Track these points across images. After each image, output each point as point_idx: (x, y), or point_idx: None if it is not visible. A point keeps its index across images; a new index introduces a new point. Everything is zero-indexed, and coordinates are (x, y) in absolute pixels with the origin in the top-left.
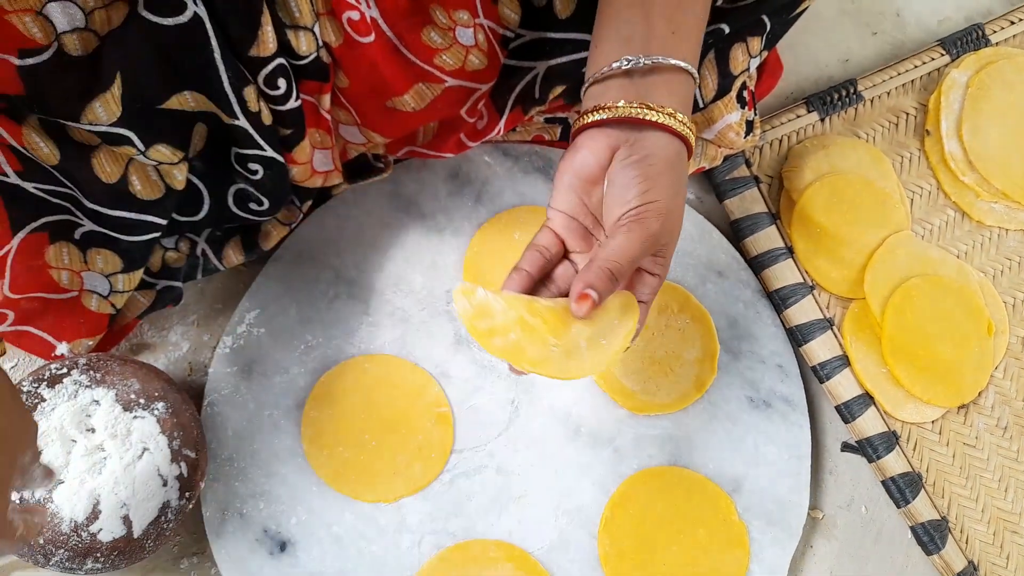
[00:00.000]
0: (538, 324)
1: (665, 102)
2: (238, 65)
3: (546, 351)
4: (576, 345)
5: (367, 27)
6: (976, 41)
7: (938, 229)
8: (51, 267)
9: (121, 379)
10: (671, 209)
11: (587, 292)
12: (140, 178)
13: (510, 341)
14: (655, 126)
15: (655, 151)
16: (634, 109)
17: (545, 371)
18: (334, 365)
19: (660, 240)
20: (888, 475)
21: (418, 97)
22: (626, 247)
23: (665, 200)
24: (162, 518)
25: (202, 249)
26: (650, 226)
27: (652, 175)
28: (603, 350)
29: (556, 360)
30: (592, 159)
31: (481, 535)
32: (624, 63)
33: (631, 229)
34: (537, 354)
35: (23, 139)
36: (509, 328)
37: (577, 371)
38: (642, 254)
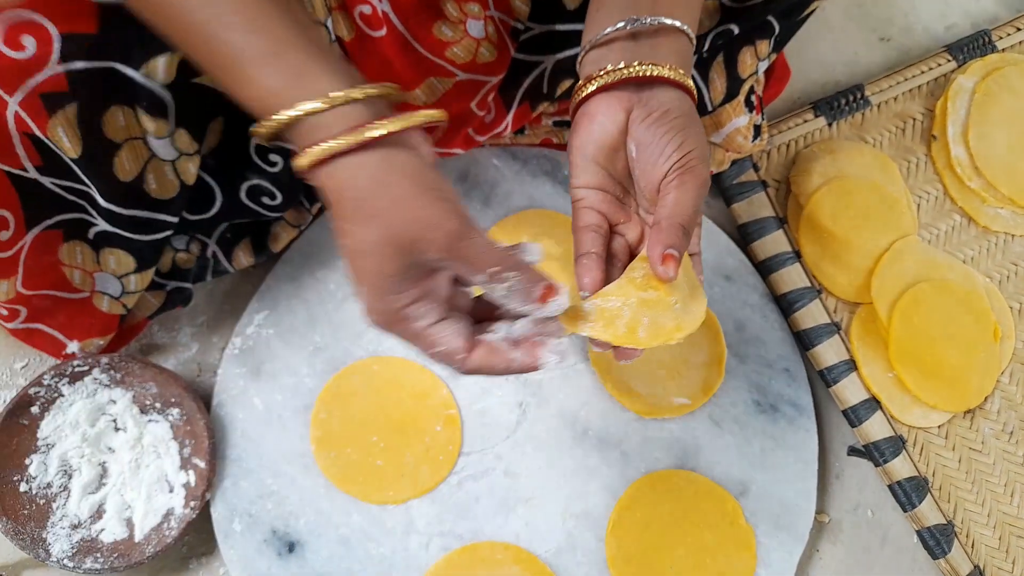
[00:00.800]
0: (653, 295)
1: (672, 62)
2: None
3: (674, 313)
4: (684, 293)
5: (379, 21)
6: (983, 47)
7: (944, 234)
8: (64, 264)
9: (140, 381)
10: (705, 155)
11: (670, 252)
12: (156, 176)
13: (647, 326)
14: (664, 82)
15: (672, 106)
16: (644, 67)
17: (689, 329)
18: (343, 367)
19: (707, 184)
20: (895, 479)
21: (429, 91)
22: (685, 199)
23: (700, 147)
24: (165, 525)
25: (212, 251)
26: (700, 173)
27: (680, 127)
28: (696, 284)
29: (685, 314)
30: (610, 125)
31: (489, 537)
32: (629, 24)
33: (683, 181)
34: (673, 320)
35: (47, 130)
36: (639, 315)
37: (700, 312)
38: (700, 201)
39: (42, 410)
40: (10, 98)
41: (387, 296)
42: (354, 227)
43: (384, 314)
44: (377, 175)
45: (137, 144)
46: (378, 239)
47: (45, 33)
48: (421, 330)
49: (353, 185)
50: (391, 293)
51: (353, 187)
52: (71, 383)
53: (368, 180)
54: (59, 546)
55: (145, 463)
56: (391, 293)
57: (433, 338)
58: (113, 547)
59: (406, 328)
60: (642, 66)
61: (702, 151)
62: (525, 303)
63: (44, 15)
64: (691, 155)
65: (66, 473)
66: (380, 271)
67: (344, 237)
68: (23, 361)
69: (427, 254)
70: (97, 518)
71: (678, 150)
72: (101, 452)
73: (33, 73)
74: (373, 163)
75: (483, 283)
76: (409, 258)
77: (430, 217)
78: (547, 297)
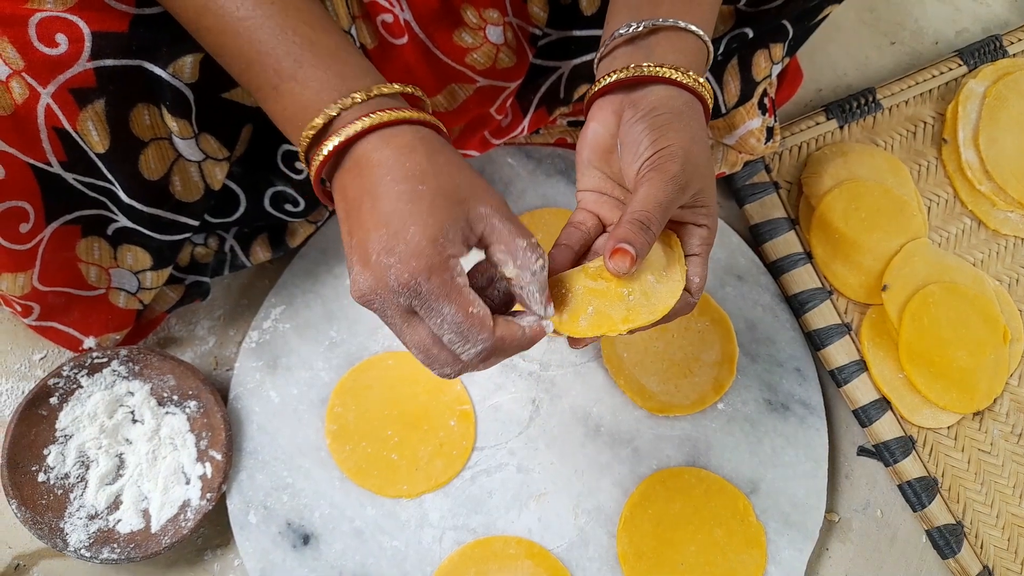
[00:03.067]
0: (603, 285)
1: (669, 61)
2: None
3: (626, 303)
4: (647, 284)
5: (400, 29)
6: (993, 52)
7: (955, 237)
8: (81, 260)
9: (158, 374)
10: (690, 151)
11: (620, 246)
12: (182, 179)
13: (592, 315)
14: (656, 80)
15: (660, 103)
16: (631, 70)
17: (640, 321)
18: (358, 361)
19: (687, 184)
20: (904, 479)
21: (450, 97)
22: (650, 193)
23: (679, 143)
24: (181, 516)
25: (230, 246)
26: (668, 168)
27: (660, 124)
28: (671, 277)
29: (640, 306)
30: (601, 128)
31: (501, 532)
32: (625, 29)
33: (650, 177)
34: (622, 311)
35: (77, 124)
36: (584, 304)
37: (663, 304)
38: (669, 198)
39: (61, 401)
40: (43, 90)
41: (439, 239)
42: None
43: (429, 259)
44: (439, 142)
45: (163, 144)
46: (440, 187)
47: (77, 31)
48: (461, 286)
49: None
50: (443, 238)
51: (424, 142)
52: (90, 375)
53: (434, 141)
54: (76, 536)
55: (162, 455)
56: (443, 238)
57: (472, 297)
58: (129, 538)
59: (447, 280)
60: (629, 69)
61: (680, 147)
62: (543, 291)
63: (78, 15)
64: (664, 151)
65: (84, 464)
66: (436, 215)
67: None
68: (42, 352)
69: (482, 206)
70: (114, 509)
71: (652, 146)
72: (118, 443)
73: (64, 69)
74: (434, 134)
75: (520, 251)
76: (463, 210)
77: (486, 183)
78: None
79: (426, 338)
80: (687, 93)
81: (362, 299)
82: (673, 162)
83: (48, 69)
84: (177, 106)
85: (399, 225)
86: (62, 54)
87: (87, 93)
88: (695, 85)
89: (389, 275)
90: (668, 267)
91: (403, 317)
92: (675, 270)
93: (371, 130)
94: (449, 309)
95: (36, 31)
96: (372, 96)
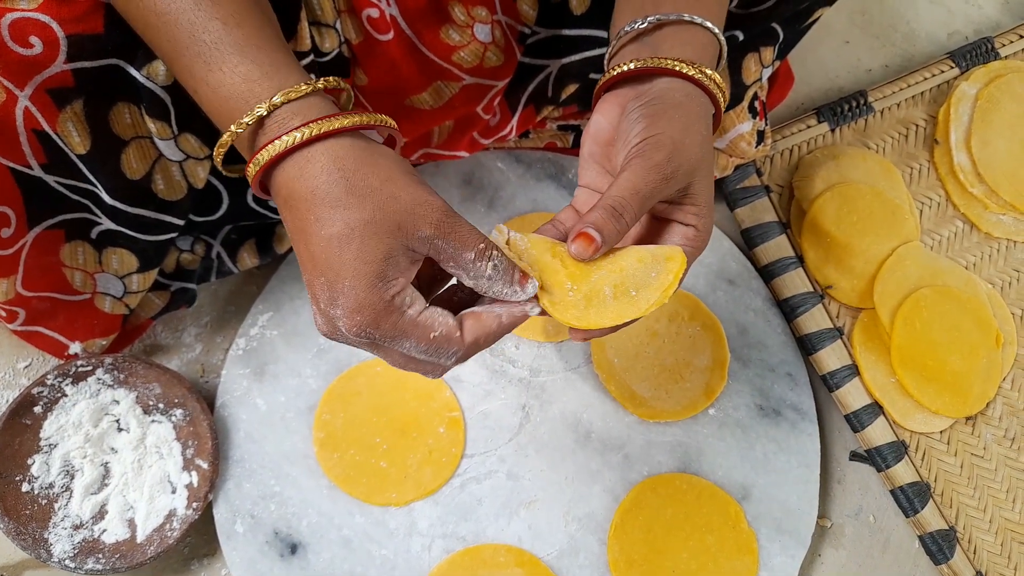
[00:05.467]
0: (557, 266)
1: (676, 54)
2: None
3: (564, 295)
4: (599, 293)
5: (386, 25)
6: (985, 54)
7: (947, 240)
8: (65, 265)
9: (144, 382)
10: (681, 142)
11: (584, 230)
12: (164, 177)
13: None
14: (661, 72)
15: (661, 94)
16: (630, 64)
17: (560, 315)
18: (346, 368)
19: (672, 175)
20: (897, 484)
21: (436, 95)
22: (628, 180)
23: (669, 132)
24: (167, 525)
25: (217, 251)
26: (652, 156)
27: (653, 113)
28: (632, 302)
29: (573, 306)
30: (604, 120)
31: (491, 540)
32: (630, 26)
33: (633, 164)
34: (554, 297)
35: (57, 125)
36: (531, 268)
37: (596, 319)
38: (649, 187)
39: (45, 410)
40: (20, 92)
41: (377, 284)
42: (336, 211)
43: (373, 308)
44: (364, 155)
45: (144, 143)
46: (369, 218)
47: (52, 34)
48: (414, 318)
49: (340, 166)
50: (381, 280)
51: (340, 168)
52: (74, 383)
53: (355, 160)
54: (61, 546)
55: (148, 464)
56: (381, 280)
57: (429, 322)
58: (115, 548)
59: (397, 321)
60: (629, 63)
61: (669, 136)
62: (509, 285)
63: (51, 16)
64: (651, 139)
65: (68, 473)
66: (368, 257)
67: (322, 226)
68: (26, 361)
69: (420, 231)
70: (99, 519)
71: (639, 134)
72: (104, 452)
73: (41, 69)
74: (360, 145)
75: (469, 263)
76: (399, 239)
77: (421, 194)
78: (525, 279)
79: (398, 359)
80: (691, 85)
81: (325, 336)
82: (659, 151)
83: (24, 70)
84: (154, 108)
85: (334, 276)
86: (38, 55)
87: (66, 93)
88: (700, 77)
89: (339, 325)
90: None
91: (371, 348)
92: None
93: (284, 155)
94: (409, 343)
95: (9, 32)
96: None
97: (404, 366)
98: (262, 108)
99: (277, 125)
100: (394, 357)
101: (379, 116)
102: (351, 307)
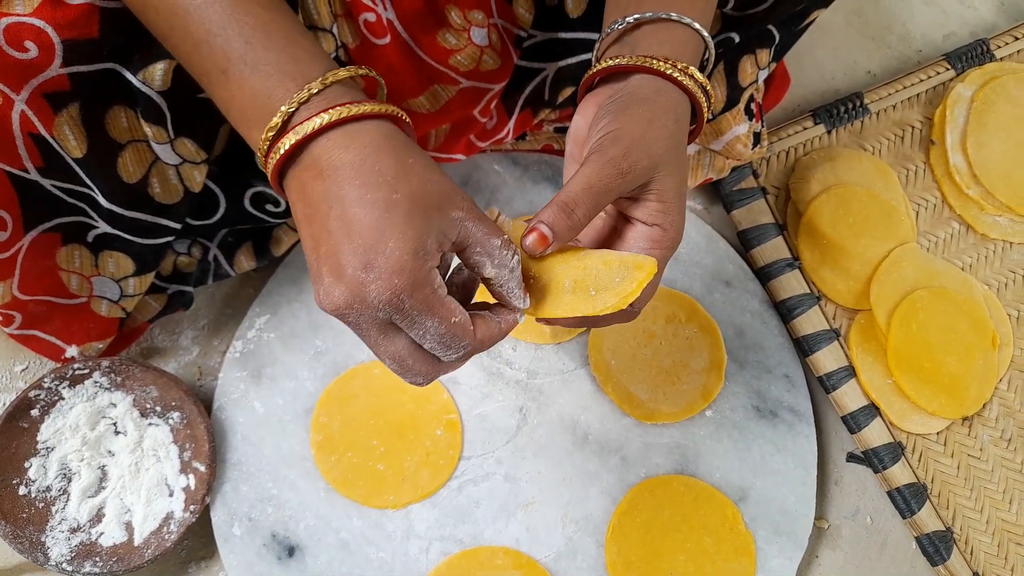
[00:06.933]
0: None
1: (652, 52)
2: None
3: (526, 281)
4: (559, 284)
5: (383, 29)
6: (981, 56)
7: (943, 241)
8: (61, 269)
9: (140, 385)
10: (642, 136)
11: (535, 226)
12: (160, 180)
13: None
14: (634, 70)
15: (630, 91)
16: (610, 62)
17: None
18: (344, 370)
19: (629, 170)
20: (894, 485)
21: (433, 99)
22: (581, 176)
23: (629, 127)
24: (164, 528)
25: (213, 254)
26: (608, 151)
27: (618, 109)
28: (588, 300)
29: (530, 292)
30: (582, 121)
31: (489, 542)
32: (611, 29)
33: (590, 159)
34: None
35: (54, 129)
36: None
37: (550, 310)
38: (603, 183)
39: (42, 413)
40: (16, 96)
41: (419, 253)
42: (384, 180)
43: (413, 274)
44: (406, 140)
45: (141, 147)
46: (415, 192)
47: (47, 39)
48: (442, 297)
49: (391, 143)
50: (422, 250)
51: (391, 143)
52: (71, 386)
53: (403, 141)
54: (58, 550)
55: (145, 467)
56: (422, 250)
57: (452, 306)
58: (112, 551)
59: (430, 295)
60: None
61: (627, 131)
62: (520, 286)
63: (46, 21)
64: (610, 134)
65: (65, 476)
66: (414, 225)
67: (368, 191)
68: (23, 364)
69: (455, 212)
70: (96, 522)
71: (600, 130)
72: (101, 455)
73: (37, 73)
74: (387, 128)
75: (496, 250)
76: (437, 219)
77: (450, 183)
78: (526, 290)
79: (402, 349)
80: (663, 81)
81: (335, 312)
82: (616, 145)
83: (20, 74)
84: (150, 112)
85: (375, 238)
86: (33, 59)
87: (62, 97)
88: (672, 72)
89: (368, 291)
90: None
91: (380, 330)
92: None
93: (331, 127)
94: (432, 322)
95: (4, 36)
96: (329, 84)
97: (402, 361)
98: (314, 85)
99: (326, 100)
100: (398, 347)
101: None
102: (392, 268)
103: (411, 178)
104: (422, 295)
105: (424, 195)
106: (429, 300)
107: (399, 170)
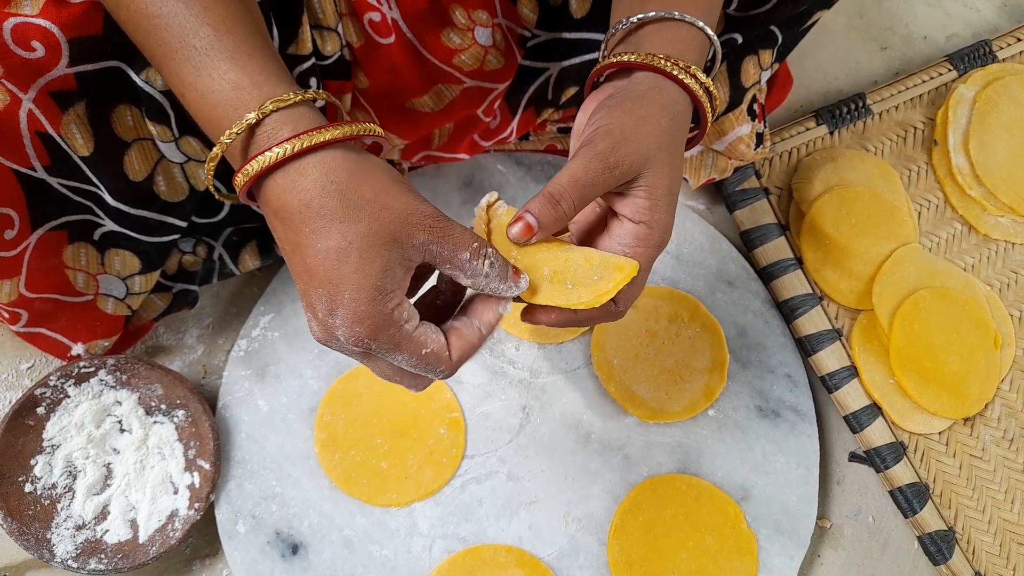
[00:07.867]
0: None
1: (655, 50)
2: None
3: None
4: (538, 274)
5: (388, 28)
6: (983, 57)
7: (945, 242)
8: (68, 267)
9: (145, 383)
10: (631, 132)
11: (521, 215)
12: (166, 179)
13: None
14: (634, 67)
15: (628, 87)
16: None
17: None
18: (347, 369)
19: (616, 165)
20: (896, 485)
21: (437, 98)
22: (569, 168)
23: (619, 122)
24: (169, 526)
25: (219, 253)
26: (596, 145)
27: (612, 105)
28: (564, 292)
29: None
30: (583, 117)
31: (491, 540)
32: (615, 29)
33: (578, 153)
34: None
35: (61, 128)
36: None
37: (525, 296)
38: (589, 176)
39: (48, 411)
40: (24, 95)
41: (376, 298)
42: (332, 224)
43: (372, 321)
44: (355, 167)
45: (147, 145)
46: (366, 231)
47: (53, 38)
48: (410, 333)
49: (333, 179)
50: (380, 293)
51: (333, 180)
52: (77, 384)
53: (348, 172)
54: (63, 547)
55: (150, 464)
56: (380, 293)
57: (423, 338)
58: (117, 548)
59: (395, 334)
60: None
61: (616, 125)
62: (504, 281)
63: (52, 21)
64: (599, 128)
65: (71, 474)
66: (367, 270)
67: (318, 239)
68: (29, 362)
69: (414, 239)
70: (101, 519)
71: (593, 124)
72: (106, 453)
73: (43, 72)
74: (350, 156)
75: (466, 263)
76: (395, 250)
77: (411, 202)
78: (518, 275)
79: (387, 369)
80: (661, 78)
81: (320, 342)
82: (605, 139)
83: (28, 74)
84: (154, 111)
85: (333, 289)
86: (40, 58)
87: (69, 96)
88: (671, 69)
89: (337, 335)
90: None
91: (362, 356)
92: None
93: (275, 167)
94: (403, 356)
95: (11, 36)
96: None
97: (390, 377)
98: (251, 116)
99: (267, 135)
100: (382, 368)
101: (367, 125)
102: (351, 319)
103: (360, 216)
104: (386, 336)
105: (378, 232)
106: (395, 339)
107: (346, 212)
